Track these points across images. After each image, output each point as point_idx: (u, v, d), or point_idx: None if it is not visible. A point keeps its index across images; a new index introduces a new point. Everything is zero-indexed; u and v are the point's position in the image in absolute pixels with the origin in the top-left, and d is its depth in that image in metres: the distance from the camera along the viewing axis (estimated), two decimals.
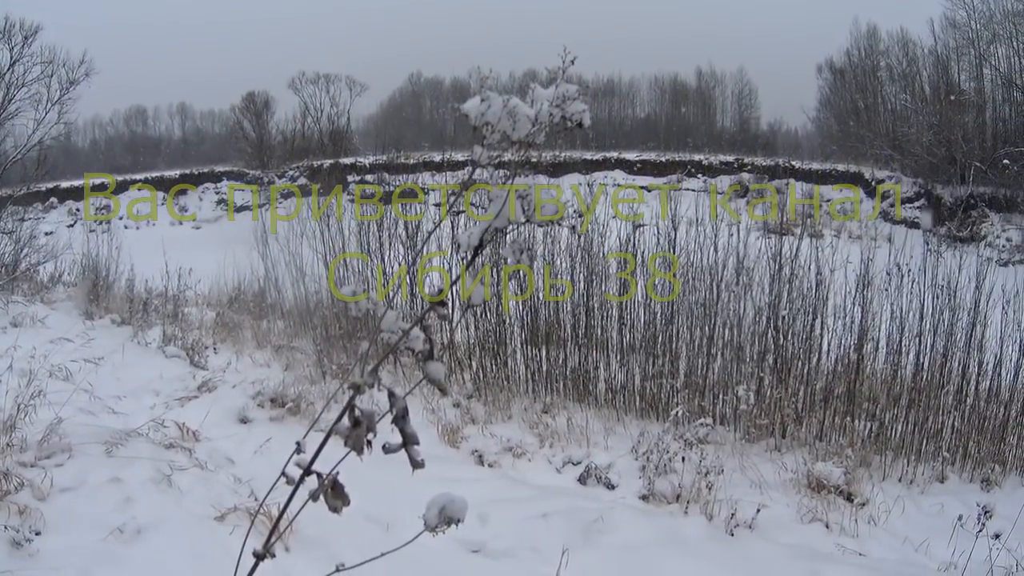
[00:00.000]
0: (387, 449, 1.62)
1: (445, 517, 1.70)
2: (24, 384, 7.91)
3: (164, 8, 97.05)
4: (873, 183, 41.45)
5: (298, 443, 1.61)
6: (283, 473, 1.58)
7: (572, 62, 1.46)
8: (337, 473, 1.58)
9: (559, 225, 1.51)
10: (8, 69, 15.79)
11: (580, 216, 10.96)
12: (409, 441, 1.61)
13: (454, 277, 1.55)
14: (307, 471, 1.58)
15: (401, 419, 1.59)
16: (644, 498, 7.93)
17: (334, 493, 1.61)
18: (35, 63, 16.42)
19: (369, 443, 1.58)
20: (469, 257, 1.51)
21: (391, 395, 1.58)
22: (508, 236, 1.56)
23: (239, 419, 9.33)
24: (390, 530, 6.67)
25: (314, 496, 1.58)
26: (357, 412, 1.56)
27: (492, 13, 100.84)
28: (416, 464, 1.62)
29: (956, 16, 41.13)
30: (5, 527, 5.39)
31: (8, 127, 16.80)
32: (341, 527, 6.60)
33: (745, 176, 46.39)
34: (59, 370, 9.56)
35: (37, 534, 5.58)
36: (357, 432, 1.55)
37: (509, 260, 1.53)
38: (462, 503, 1.73)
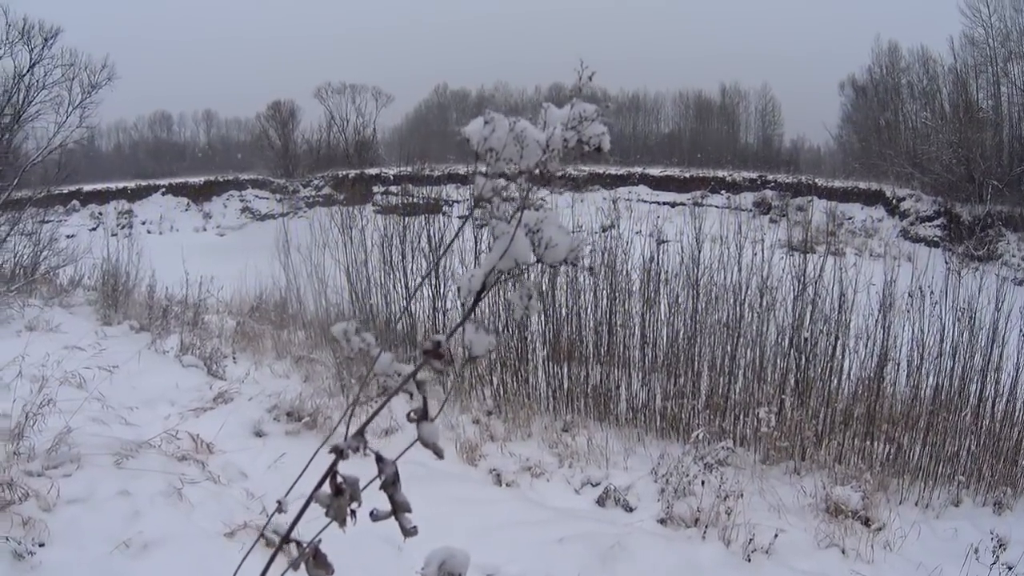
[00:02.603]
0: (375, 516, 1.49)
1: (445, 572, 1.56)
2: (35, 391, 7.79)
3: (191, 17, 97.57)
4: (894, 201, 41.17)
5: (279, 502, 1.46)
6: (262, 534, 1.44)
7: (590, 78, 1.32)
8: (319, 541, 1.43)
9: (573, 266, 1.36)
10: (28, 71, 15.73)
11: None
12: (399, 509, 1.48)
13: (460, 320, 1.39)
14: (285, 539, 1.43)
15: (391, 485, 1.45)
16: (662, 521, 7.80)
17: (316, 563, 1.46)
18: (55, 65, 16.39)
19: (353, 512, 1.43)
20: (470, 303, 1.37)
21: (379, 459, 1.44)
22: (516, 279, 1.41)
23: (254, 432, 9.22)
24: (402, 552, 6.53)
25: (294, 565, 1.43)
26: (339, 479, 1.40)
27: (519, 28, 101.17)
28: (407, 532, 1.49)
29: (975, 34, 40.95)
30: (7, 538, 5.31)
31: (28, 129, 16.75)
32: (352, 546, 6.47)
33: (768, 193, 46.20)
34: (72, 377, 9.42)
35: (41, 546, 5.50)
36: (339, 501, 1.41)
37: (516, 309, 1.38)
38: (463, 557, 1.60)
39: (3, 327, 12.00)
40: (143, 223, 50.41)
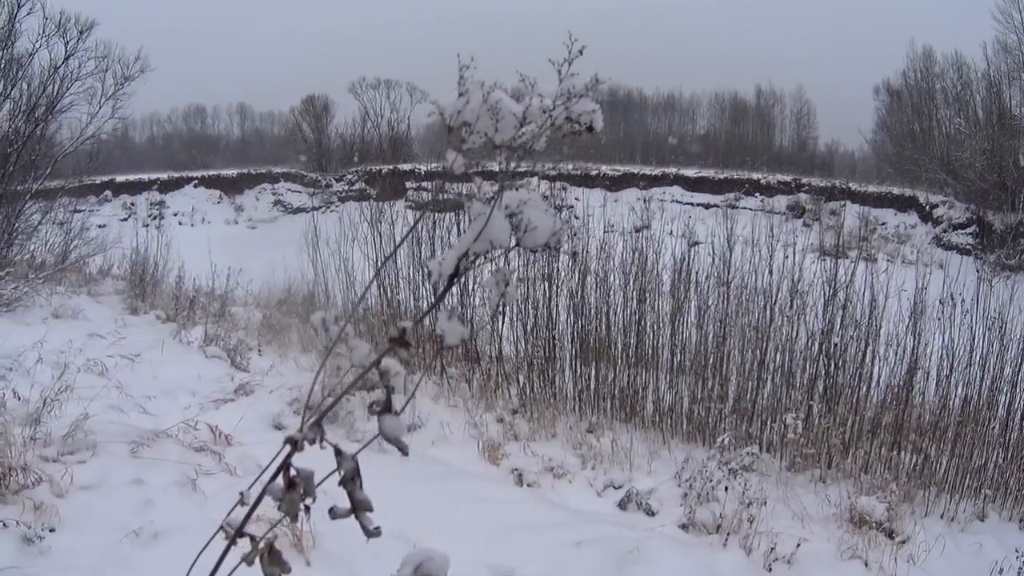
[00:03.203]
0: (334, 515, 1.39)
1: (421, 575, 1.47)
2: (56, 377, 7.78)
3: (226, 11, 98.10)
4: (927, 207, 40.83)
5: (242, 494, 1.37)
6: (222, 526, 1.34)
7: (580, 52, 1.22)
8: (275, 537, 1.34)
9: (555, 251, 1.27)
10: (63, 62, 15.82)
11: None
12: (359, 508, 1.38)
13: (434, 305, 1.30)
14: (239, 532, 1.34)
15: (350, 481, 1.35)
16: (684, 527, 7.68)
17: (271, 559, 1.36)
18: (89, 57, 16.48)
19: (307, 508, 1.33)
20: (442, 288, 1.28)
21: (338, 453, 1.35)
22: (492, 264, 1.32)
23: (274, 425, 9.16)
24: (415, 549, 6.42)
25: (248, 560, 1.34)
26: (293, 472, 1.31)
27: (552, 24, 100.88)
28: (369, 533, 1.39)
29: (1008, 40, 40.34)
30: (17, 522, 5.32)
31: (61, 119, 16.85)
32: (365, 544, 6.42)
33: (802, 197, 45.93)
34: (94, 365, 9.43)
35: (51, 531, 5.50)
36: (291, 496, 1.31)
37: (492, 296, 1.28)
38: (442, 561, 1.50)
39: (29, 314, 12.03)
40: (175, 214, 50.63)
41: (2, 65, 15.17)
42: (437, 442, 9.53)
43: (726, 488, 7.63)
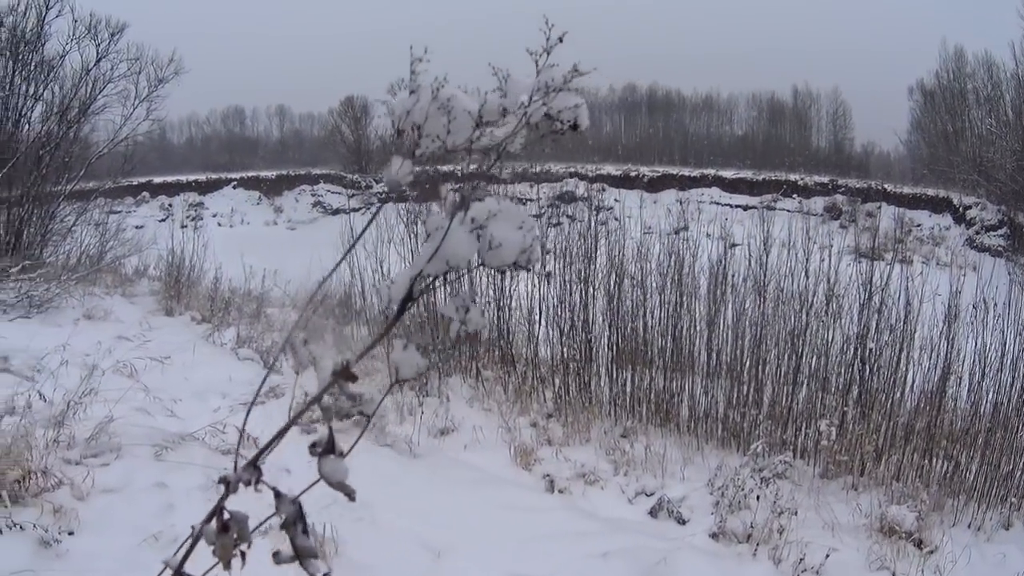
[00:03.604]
0: (278, 560, 1.27)
1: None
2: (84, 379, 7.73)
3: (263, 14, 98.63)
4: (960, 209, 40.38)
5: (193, 528, 1.26)
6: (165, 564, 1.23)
7: (560, 40, 1.09)
8: None
9: (526, 271, 1.13)
10: (94, 64, 15.87)
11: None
12: (302, 555, 1.24)
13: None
14: (178, 572, 1.22)
15: (291, 526, 1.23)
16: (714, 536, 7.56)
17: None
18: (121, 60, 16.50)
19: (243, 554, 1.21)
20: (394, 313, 1.15)
21: (277, 495, 1.22)
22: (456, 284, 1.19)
23: (303, 428, 9.06)
24: (441, 558, 6.40)
25: None
26: (226, 515, 1.19)
27: (590, 25, 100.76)
28: None
29: None
30: (35, 525, 5.26)
31: (95, 121, 16.91)
32: (390, 552, 6.37)
33: (839, 198, 45.60)
34: (123, 367, 9.37)
35: (70, 534, 5.45)
36: (223, 540, 1.19)
37: (453, 323, 1.16)
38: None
39: (61, 315, 11.99)
40: (213, 215, 50.93)
41: (32, 67, 15.20)
42: (470, 446, 9.45)
43: (758, 497, 7.54)
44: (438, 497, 7.66)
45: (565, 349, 11.17)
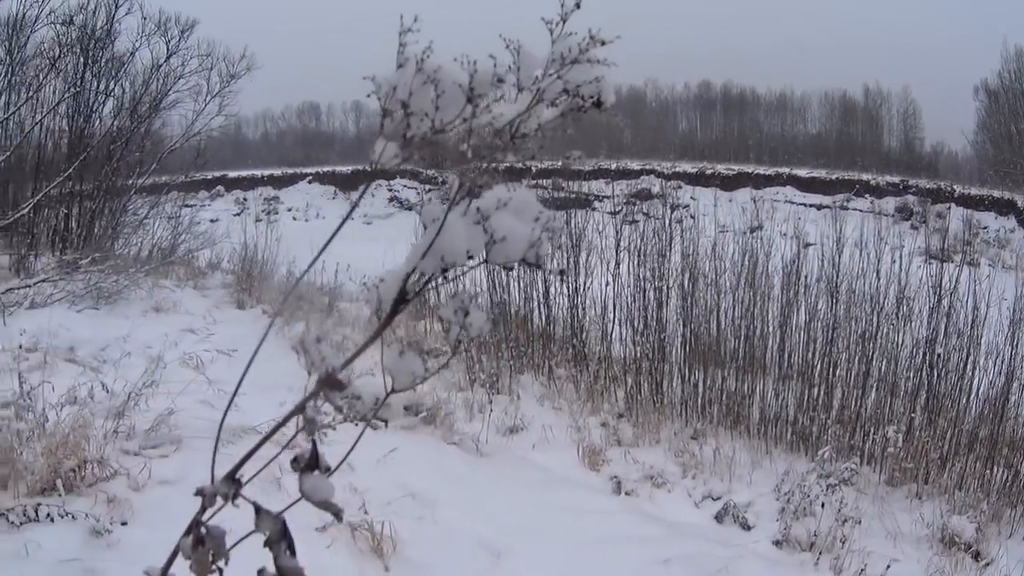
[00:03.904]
0: None
1: None
2: (150, 371, 7.75)
3: (338, 10, 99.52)
4: None
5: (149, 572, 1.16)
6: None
7: (578, 5, 0.96)
8: None
9: (535, 268, 1.01)
10: (165, 61, 16.14)
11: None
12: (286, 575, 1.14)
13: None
14: None
15: (275, 544, 1.13)
16: (778, 543, 7.47)
17: None
18: (192, 56, 16.82)
19: (220, 571, 1.11)
20: (385, 316, 1.04)
21: (257, 511, 1.13)
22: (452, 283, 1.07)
23: (369, 424, 9.03)
24: (500, 560, 6.34)
25: None
26: (203, 530, 1.10)
27: (666, 20, 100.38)
28: None
29: None
30: (87, 515, 5.28)
31: (166, 117, 17.18)
32: (449, 552, 6.30)
33: (910, 199, 44.91)
34: (189, 359, 9.42)
35: (123, 524, 5.46)
36: (199, 555, 1.10)
37: (452, 326, 1.04)
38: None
39: (130, 306, 12.11)
40: (288, 209, 51.30)
41: (102, 64, 15.44)
42: (538, 445, 9.34)
43: (823, 504, 7.45)
44: (502, 497, 7.60)
45: (638, 348, 11.03)
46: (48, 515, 5.18)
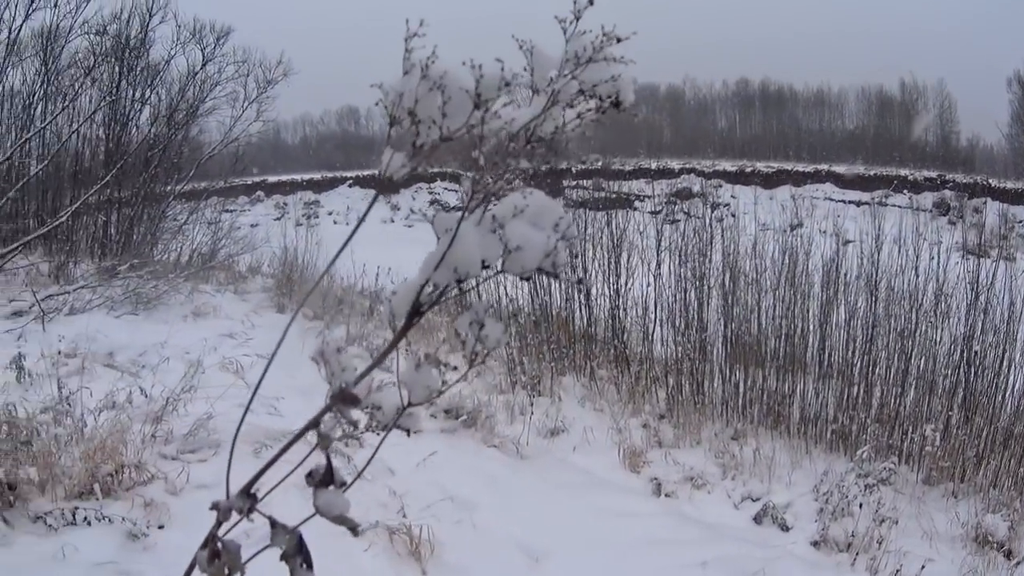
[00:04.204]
0: None
1: None
2: (188, 376, 7.79)
3: (375, 15, 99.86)
4: None
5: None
6: None
7: (591, 2, 0.93)
8: None
9: (552, 277, 0.98)
10: (200, 68, 16.33)
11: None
12: None
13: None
14: None
15: (291, 558, 1.10)
16: (815, 544, 7.45)
17: None
18: (228, 63, 16.98)
19: None
20: (399, 329, 1.01)
21: (273, 525, 1.11)
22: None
23: (411, 430, 9.02)
24: (539, 563, 6.33)
25: None
26: (219, 544, 1.08)
27: (702, 17, 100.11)
28: None
29: None
30: (123, 519, 5.32)
31: (204, 123, 17.34)
32: (487, 555, 6.29)
33: (947, 193, 44.47)
34: (229, 363, 9.46)
35: (160, 528, 5.50)
36: (214, 568, 1.08)
37: (468, 340, 1.01)
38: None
39: (169, 311, 12.18)
40: (329, 213, 51.44)
41: (138, 72, 15.65)
42: (579, 447, 9.32)
43: (861, 504, 7.44)
44: (541, 500, 7.59)
45: (679, 348, 11.01)
46: (85, 519, 5.23)
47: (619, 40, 0.93)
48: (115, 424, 6.12)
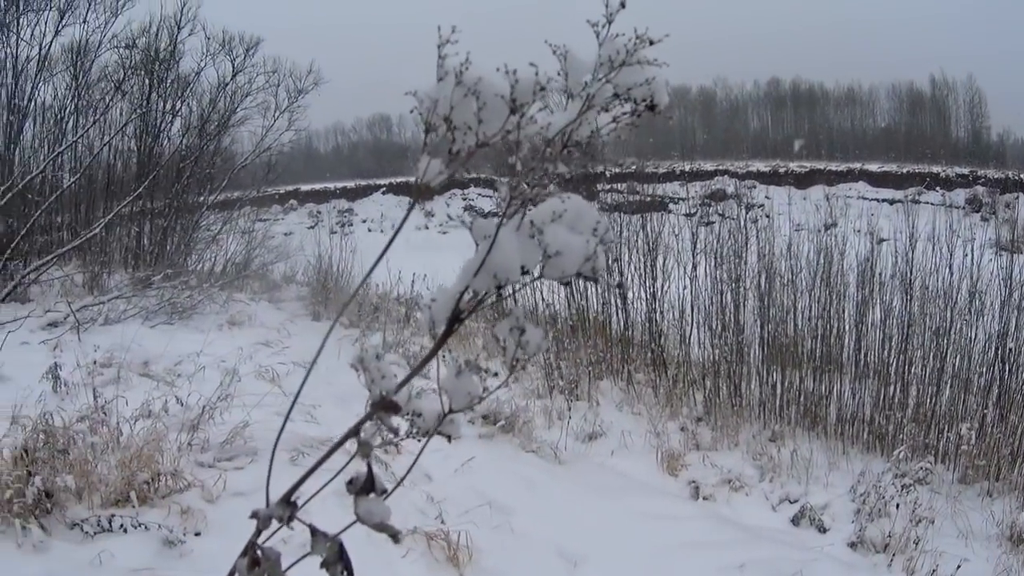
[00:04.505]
0: None
1: None
2: (224, 384, 7.83)
3: (405, 21, 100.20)
4: None
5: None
6: None
7: (623, 5, 0.92)
8: None
9: (593, 282, 0.98)
10: (231, 79, 16.44)
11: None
12: None
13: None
14: None
15: (332, 565, 1.10)
16: (852, 545, 7.45)
17: None
18: (258, 73, 17.08)
19: None
20: (439, 335, 1.01)
21: (313, 532, 1.11)
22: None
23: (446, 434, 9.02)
24: (577, 568, 6.33)
25: None
26: (258, 552, 1.08)
27: (731, 19, 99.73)
28: None
29: None
30: (159, 526, 5.34)
31: (235, 133, 17.43)
32: (525, 560, 6.27)
33: (979, 190, 44.04)
34: (265, 371, 9.48)
35: (197, 535, 5.51)
36: None
37: (507, 351, 1.01)
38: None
39: (204, 320, 12.23)
40: (363, 221, 51.60)
41: (168, 84, 15.79)
42: (617, 452, 9.34)
43: (897, 505, 7.44)
44: (579, 504, 7.58)
45: (716, 351, 11.02)
46: (121, 526, 5.25)
47: (652, 43, 0.93)
48: (151, 432, 6.14)
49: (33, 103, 14.14)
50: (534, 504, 7.25)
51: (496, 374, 9.27)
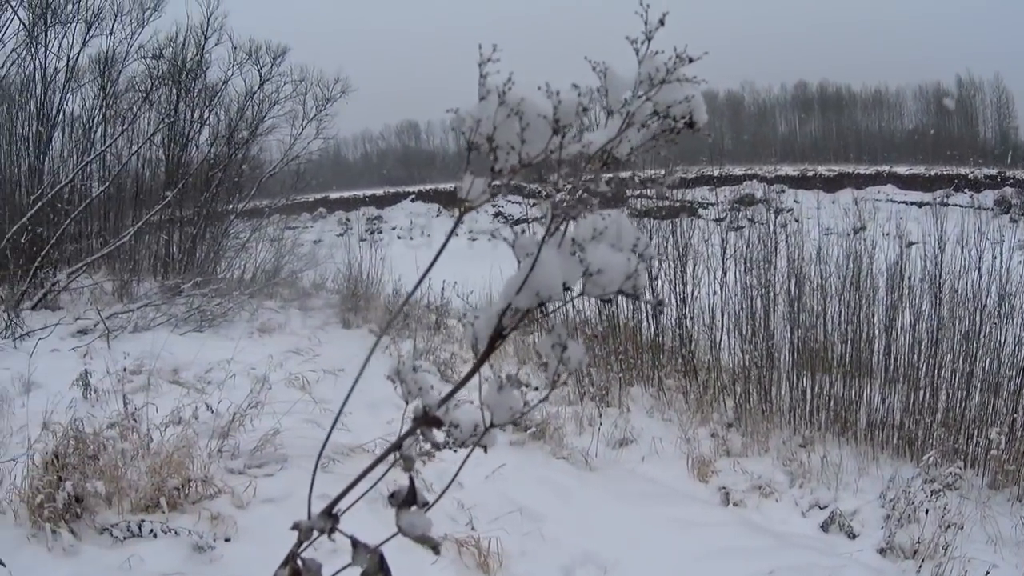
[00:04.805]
0: None
1: None
2: (254, 392, 7.87)
3: (431, 29, 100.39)
4: None
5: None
6: None
7: (661, 22, 0.93)
8: None
9: (634, 299, 0.98)
10: (258, 88, 16.60)
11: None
12: None
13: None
14: None
15: None
16: (882, 551, 7.39)
17: None
18: (286, 82, 17.27)
19: None
20: (482, 352, 1.01)
21: (354, 544, 1.11)
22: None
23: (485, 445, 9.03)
24: (607, 574, 6.28)
25: None
26: (300, 564, 1.09)
27: (759, 23, 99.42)
28: None
29: None
30: (190, 531, 5.36)
31: (264, 142, 17.55)
32: (555, 567, 6.27)
33: (1008, 191, 43.67)
34: (295, 379, 9.51)
35: (227, 540, 5.53)
36: None
37: (549, 366, 1.01)
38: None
39: (234, 328, 12.29)
40: (393, 228, 51.68)
41: (195, 94, 15.94)
42: (647, 458, 9.33)
43: (927, 511, 7.39)
44: (610, 511, 7.53)
45: (747, 356, 10.98)
46: (151, 531, 5.28)
47: (691, 60, 0.93)
48: (181, 439, 6.17)
49: (62, 114, 14.34)
50: (564, 511, 7.23)
51: (537, 388, 9.29)
